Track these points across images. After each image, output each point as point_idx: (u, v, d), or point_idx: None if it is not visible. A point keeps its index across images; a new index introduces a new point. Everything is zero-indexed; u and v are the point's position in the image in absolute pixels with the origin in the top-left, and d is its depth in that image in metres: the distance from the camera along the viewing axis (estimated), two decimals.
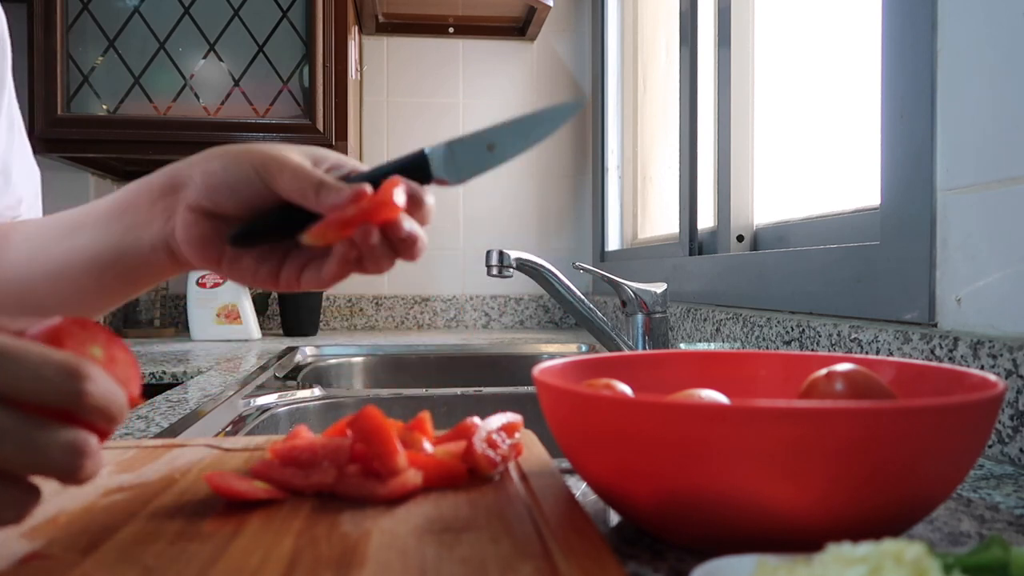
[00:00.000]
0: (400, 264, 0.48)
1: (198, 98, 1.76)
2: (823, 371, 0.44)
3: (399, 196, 0.46)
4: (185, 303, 1.91)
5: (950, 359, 0.65)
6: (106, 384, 0.32)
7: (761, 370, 0.54)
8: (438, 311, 2.18)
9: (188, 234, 0.48)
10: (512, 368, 1.64)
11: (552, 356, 1.64)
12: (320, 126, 1.76)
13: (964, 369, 0.43)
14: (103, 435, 0.33)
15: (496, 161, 0.50)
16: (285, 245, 0.50)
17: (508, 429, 0.51)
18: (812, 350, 0.87)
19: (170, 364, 1.41)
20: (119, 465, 0.52)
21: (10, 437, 0.30)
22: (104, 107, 1.73)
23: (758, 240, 1.24)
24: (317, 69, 1.75)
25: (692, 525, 0.37)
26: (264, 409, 0.93)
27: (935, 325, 0.71)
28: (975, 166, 0.66)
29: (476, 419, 0.51)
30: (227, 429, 0.82)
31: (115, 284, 0.52)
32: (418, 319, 2.18)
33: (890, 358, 0.56)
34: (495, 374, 1.63)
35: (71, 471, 0.31)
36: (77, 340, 0.35)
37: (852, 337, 0.80)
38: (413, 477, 0.45)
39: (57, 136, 1.69)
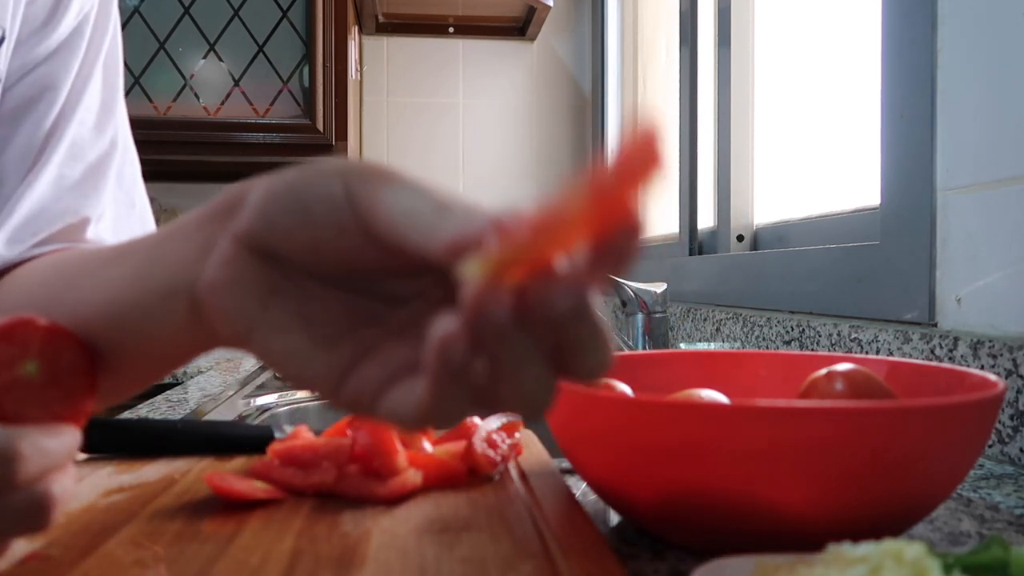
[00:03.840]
0: None
1: (198, 98, 1.76)
2: (823, 371, 0.44)
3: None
4: None
5: (950, 359, 0.65)
6: (38, 448, 0.29)
7: (761, 370, 0.54)
8: None
9: (217, 275, 0.30)
10: None
11: None
12: (320, 126, 1.76)
13: (964, 369, 0.43)
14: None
15: None
16: (372, 325, 0.30)
17: (508, 429, 0.51)
18: (812, 350, 0.87)
19: None
20: (119, 465, 0.51)
21: None
22: None
23: (758, 240, 1.24)
24: (317, 69, 1.75)
25: (692, 525, 0.37)
26: (264, 409, 0.93)
27: (935, 325, 0.71)
28: (975, 166, 0.66)
29: (476, 419, 0.51)
30: None
31: (127, 354, 0.34)
32: None
33: (890, 358, 0.56)
34: None
35: (38, 528, 0.30)
36: (3, 361, 0.30)
37: (852, 337, 0.80)
38: (413, 477, 0.45)
39: None
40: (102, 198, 0.61)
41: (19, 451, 0.28)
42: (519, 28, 2.19)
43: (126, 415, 0.86)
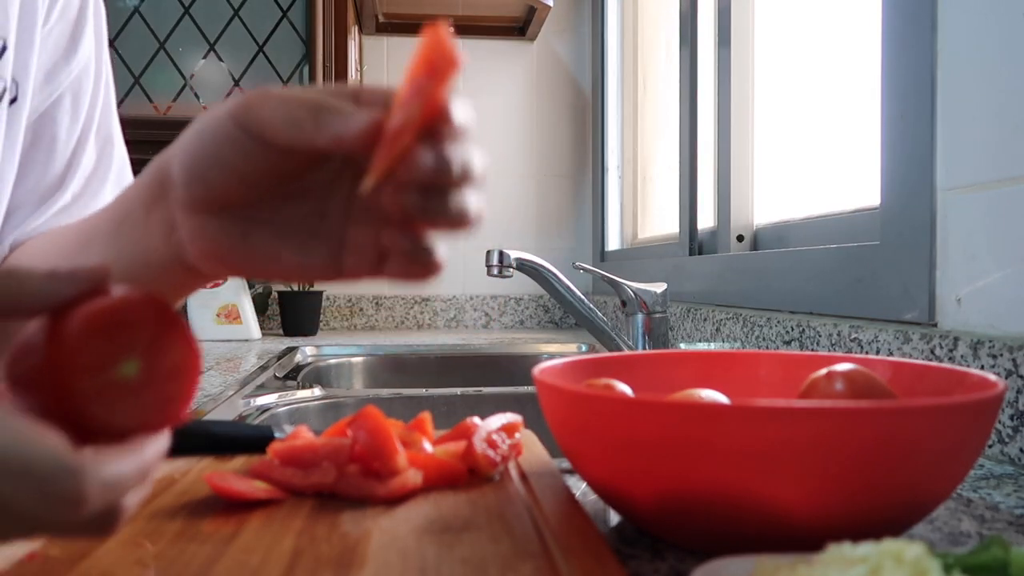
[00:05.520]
0: None
1: (198, 98, 1.76)
2: (823, 371, 0.44)
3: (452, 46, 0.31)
4: (185, 303, 1.91)
5: (950, 359, 0.65)
6: (107, 485, 0.26)
7: (761, 370, 0.54)
8: (438, 311, 2.18)
9: (200, 247, 0.36)
10: (512, 368, 1.64)
11: (552, 356, 1.63)
12: None
13: (964, 369, 0.43)
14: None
15: None
16: (326, 217, 0.37)
17: (508, 429, 0.51)
18: (812, 350, 0.87)
19: None
20: None
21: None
22: None
23: (758, 240, 1.24)
24: (317, 69, 1.75)
25: (692, 525, 0.37)
26: (264, 409, 0.93)
27: (935, 325, 0.71)
28: (975, 166, 0.66)
29: (476, 419, 0.51)
30: None
31: None
32: (418, 319, 2.18)
33: (890, 358, 0.56)
34: (495, 374, 1.63)
35: (103, 537, 0.30)
36: (101, 356, 0.26)
37: (852, 337, 0.80)
38: (413, 477, 0.45)
39: None
40: (99, 202, 0.66)
41: (84, 494, 0.25)
42: (519, 28, 2.19)
43: None
